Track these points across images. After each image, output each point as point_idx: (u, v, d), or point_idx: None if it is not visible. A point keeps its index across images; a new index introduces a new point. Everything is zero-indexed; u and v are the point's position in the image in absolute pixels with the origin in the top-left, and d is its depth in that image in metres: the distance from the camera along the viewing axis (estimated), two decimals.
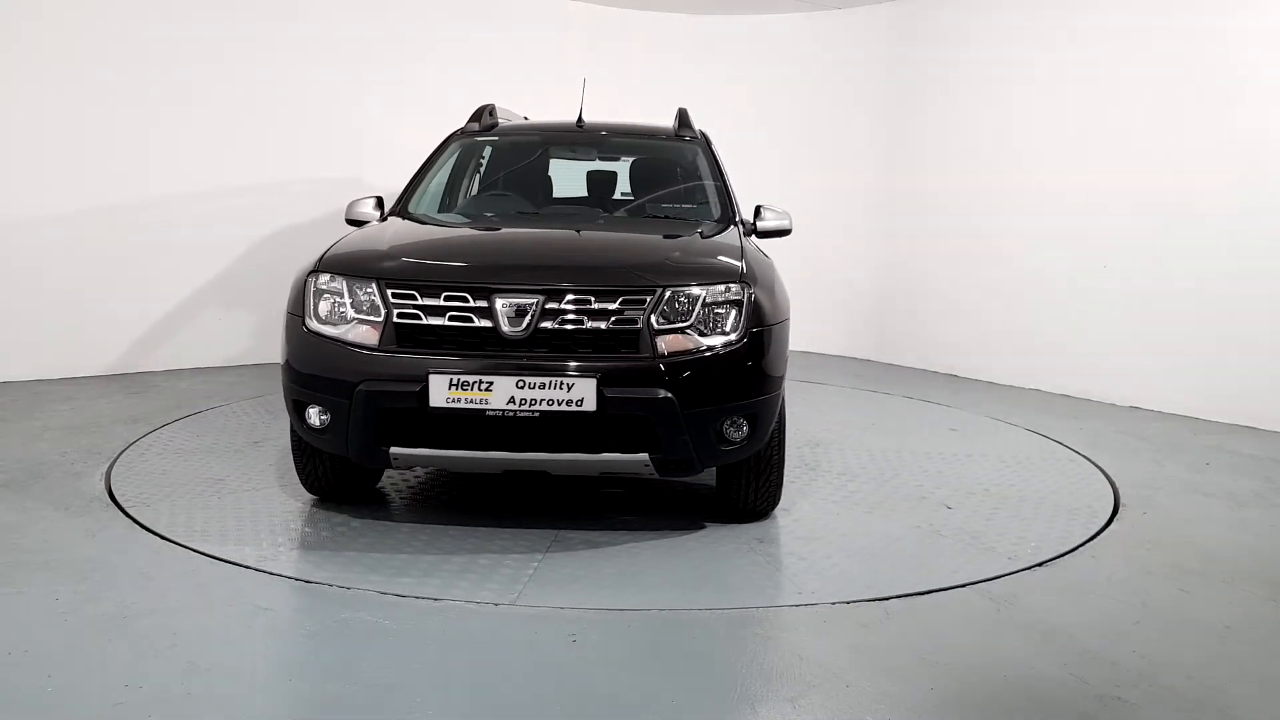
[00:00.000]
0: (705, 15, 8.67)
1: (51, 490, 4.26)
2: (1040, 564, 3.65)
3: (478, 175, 5.32)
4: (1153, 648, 2.97)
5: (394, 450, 3.51)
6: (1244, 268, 5.97)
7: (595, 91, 5.98)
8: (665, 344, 3.49)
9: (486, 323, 3.47)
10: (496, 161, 5.30)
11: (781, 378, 3.78)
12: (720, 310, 3.60)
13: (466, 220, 4.80)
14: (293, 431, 3.95)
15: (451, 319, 3.50)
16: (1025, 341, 7.23)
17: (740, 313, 3.60)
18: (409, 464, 3.67)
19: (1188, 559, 3.74)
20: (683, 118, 5.36)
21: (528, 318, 3.46)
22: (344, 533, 3.82)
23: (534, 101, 7.02)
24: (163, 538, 3.71)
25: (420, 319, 3.51)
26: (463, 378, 3.37)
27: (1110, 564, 3.68)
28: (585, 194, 5.28)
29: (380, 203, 4.56)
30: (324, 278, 3.71)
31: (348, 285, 3.63)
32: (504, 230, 4.40)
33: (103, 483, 4.38)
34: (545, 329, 3.47)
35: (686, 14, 8.66)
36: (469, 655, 2.84)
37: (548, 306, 3.47)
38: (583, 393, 3.36)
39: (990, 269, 7.47)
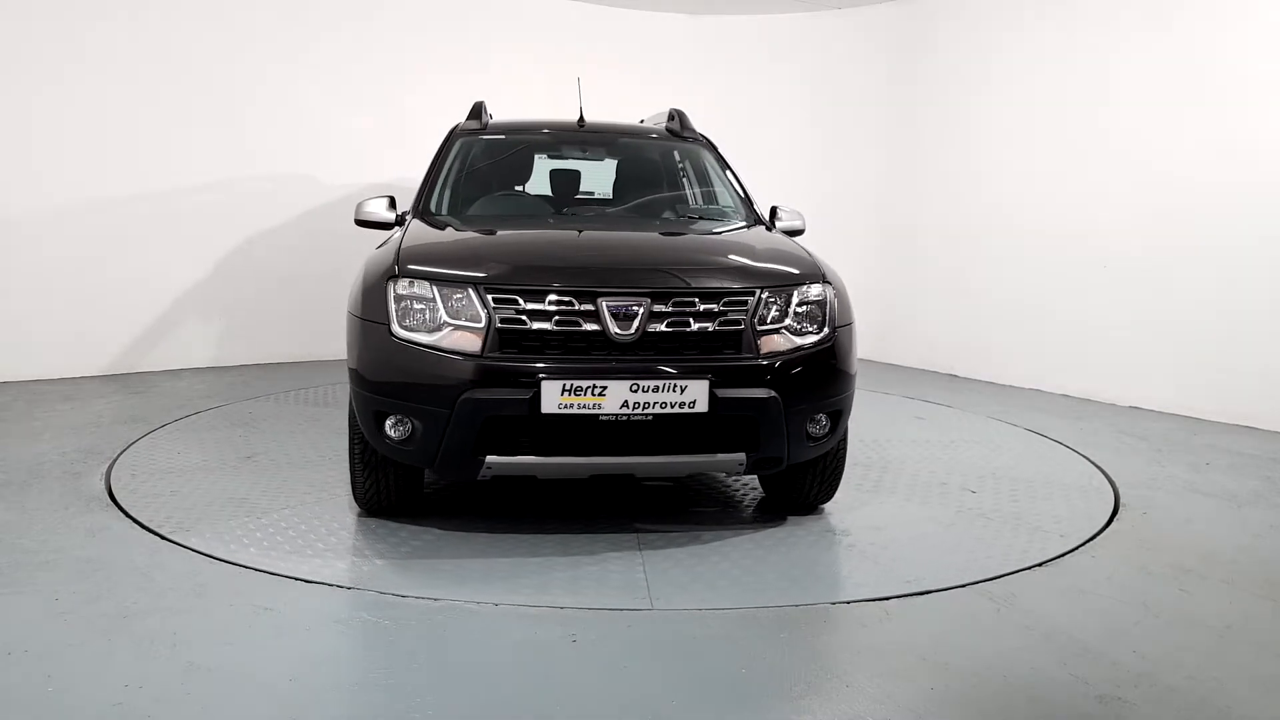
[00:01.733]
0: (705, 15, 8.67)
1: (51, 490, 4.26)
2: (1040, 564, 3.65)
3: (494, 173, 5.19)
4: (1153, 648, 2.97)
5: (490, 459, 3.41)
6: (1244, 268, 5.97)
7: (594, 91, 5.97)
8: (766, 344, 3.56)
9: (594, 326, 3.42)
10: (509, 160, 5.22)
11: (855, 375, 3.90)
12: (807, 310, 3.71)
13: (506, 221, 4.56)
14: (356, 445, 3.77)
15: (558, 323, 3.42)
16: (1025, 341, 7.23)
17: (825, 312, 3.74)
18: (502, 473, 3.50)
19: (1188, 559, 3.74)
20: (682, 119, 5.36)
21: (636, 320, 3.44)
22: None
23: (532, 101, 7.03)
24: (163, 538, 3.71)
25: (525, 324, 3.41)
26: (576, 383, 3.32)
27: (1110, 564, 3.68)
28: (602, 193, 5.25)
29: (393, 202, 4.45)
30: (407, 282, 3.54)
31: (439, 290, 3.48)
32: (582, 232, 4.34)
33: (103, 483, 4.38)
34: (652, 331, 3.46)
35: (686, 14, 8.66)
36: (469, 655, 2.84)
37: (654, 309, 3.46)
38: (695, 394, 3.39)
39: (990, 269, 7.47)
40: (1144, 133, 6.47)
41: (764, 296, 3.60)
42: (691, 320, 3.50)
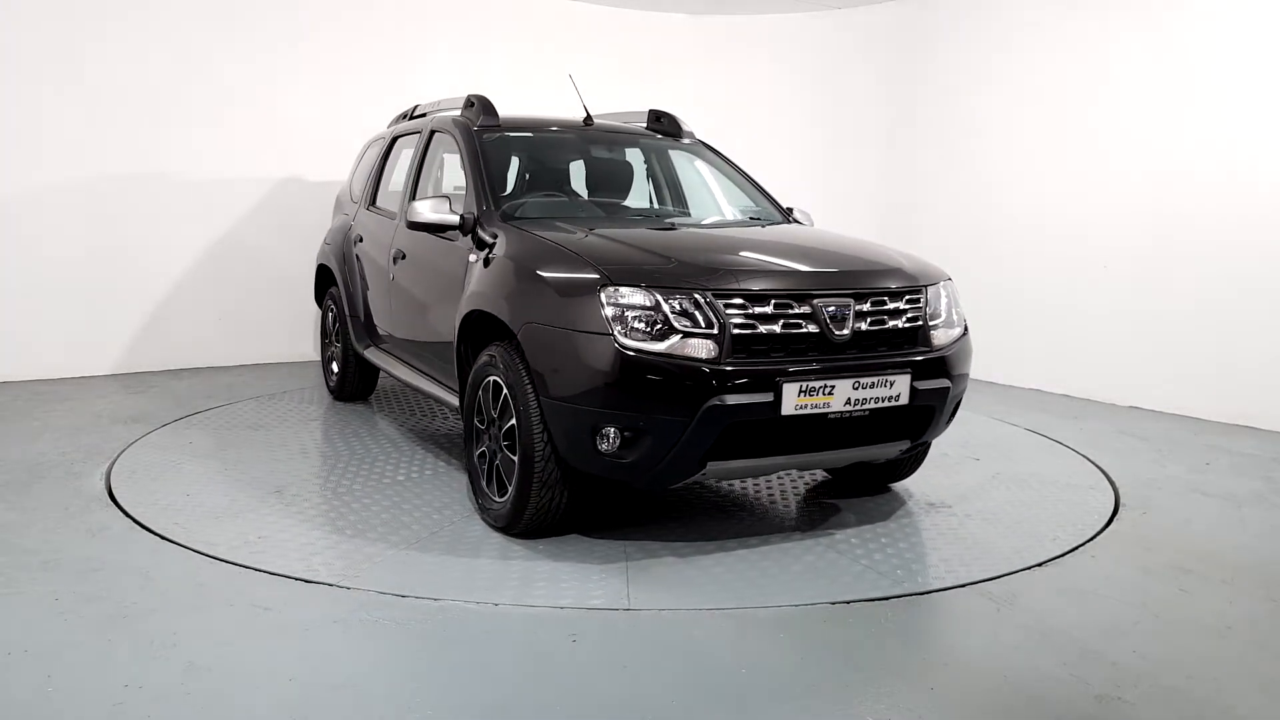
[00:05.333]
0: (706, 15, 8.68)
1: (51, 490, 4.26)
2: (1040, 564, 3.65)
3: (545, 172, 5.09)
4: (1153, 648, 2.98)
5: (710, 465, 3.44)
6: (1244, 268, 5.97)
7: (594, 90, 5.97)
8: (935, 338, 3.80)
9: (813, 327, 3.51)
10: (542, 158, 5.14)
11: None
12: (945, 305, 3.92)
13: (598, 220, 4.45)
14: (538, 463, 3.56)
15: (785, 326, 3.47)
16: (1025, 341, 7.23)
17: (955, 307, 3.99)
18: (715, 477, 3.56)
19: (1188, 559, 3.74)
20: (673, 120, 5.36)
21: (849, 320, 3.56)
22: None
23: (532, 100, 7.01)
24: (163, 538, 3.71)
25: (755, 328, 3.43)
26: (810, 383, 3.41)
27: (1110, 564, 3.68)
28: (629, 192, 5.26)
29: (452, 204, 4.29)
30: (619, 291, 3.41)
31: (663, 298, 3.39)
32: (737, 232, 4.49)
33: (103, 483, 4.38)
34: (859, 330, 3.59)
35: (687, 14, 8.66)
36: (469, 655, 2.84)
37: (858, 309, 3.60)
38: (900, 388, 3.58)
39: (990, 269, 7.46)
40: (1144, 132, 6.47)
41: (928, 294, 3.83)
42: (886, 318, 3.67)
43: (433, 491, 4.35)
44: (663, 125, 5.35)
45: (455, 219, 4.23)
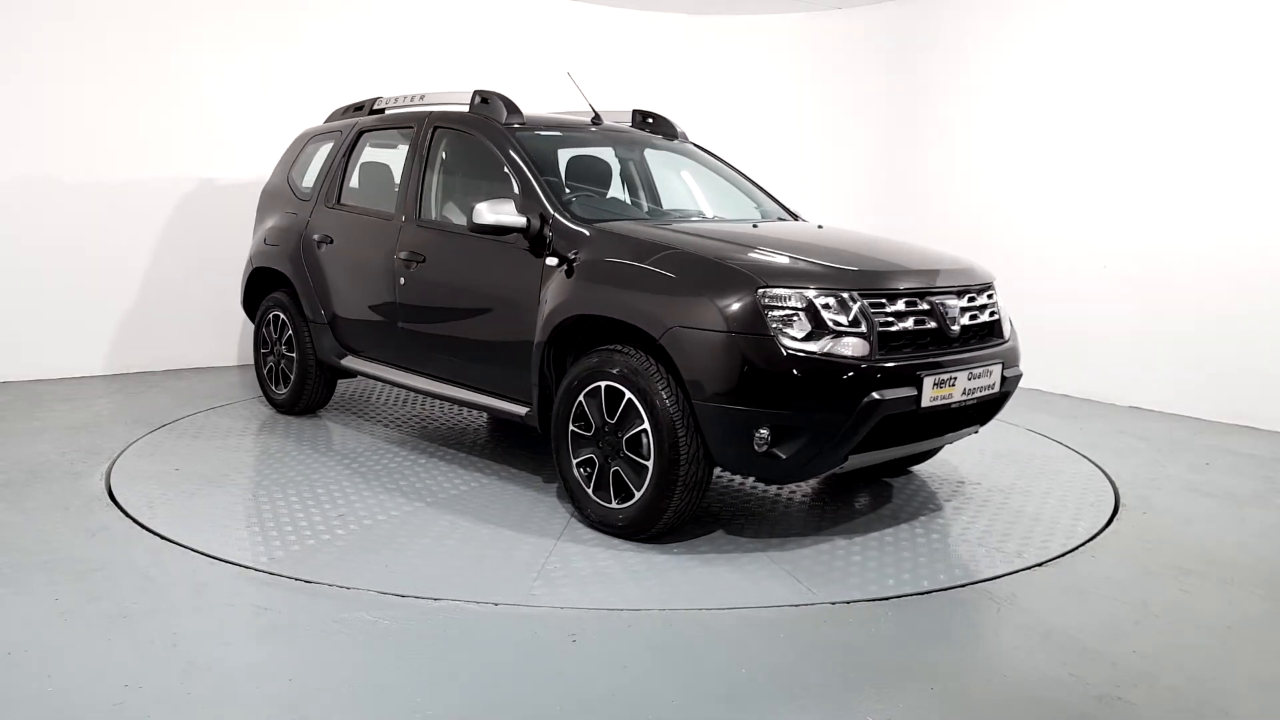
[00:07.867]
0: (704, 15, 8.68)
1: (51, 490, 4.26)
2: (1040, 564, 3.65)
3: (588, 173, 4.97)
4: (1153, 648, 2.97)
5: (853, 457, 3.58)
6: (1244, 268, 5.97)
7: (593, 91, 5.97)
8: (1005, 330, 4.12)
9: (933, 323, 3.72)
10: (576, 157, 5.00)
11: None
12: (999, 299, 4.20)
13: (667, 220, 4.53)
14: (684, 465, 3.56)
15: (915, 323, 3.67)
16: (1025, 341, 7.19)
17: (998, 299, 4.21)
18: (853, 468, 3.76)
19: (1188, 559, 3.74)
20: (663, 121, 5.36)
21: (959, 316, 3.81)
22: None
23: (531, 101, 7.02)
24: (163, 538, 3.71)
25: (894, 325, 3.61)
26: (940, 376, 3.62)
27: (1110, 564, 3.68)
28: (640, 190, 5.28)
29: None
30: (779, 292, 3.46)
31: (816, 299, 3.48)
32: (840, 231, 4.65)
33: (103, 483, 4.38)
34: (963, 325, 3.84)
35: (686, 14, 8.67)
36: (469, 655, 2.84)
37: (961, 305, 3.85)
38: (996, 378, 3.90)
39: (989, 269, 7.46)
40: (1145, 132, 6.47)
41: (994, 289, 4.14)
42: (978, 313, 3.96)
43: (504, 497, 4.34)
44: (650, 125, 5.34)
45: (521, 221, 4.09)
